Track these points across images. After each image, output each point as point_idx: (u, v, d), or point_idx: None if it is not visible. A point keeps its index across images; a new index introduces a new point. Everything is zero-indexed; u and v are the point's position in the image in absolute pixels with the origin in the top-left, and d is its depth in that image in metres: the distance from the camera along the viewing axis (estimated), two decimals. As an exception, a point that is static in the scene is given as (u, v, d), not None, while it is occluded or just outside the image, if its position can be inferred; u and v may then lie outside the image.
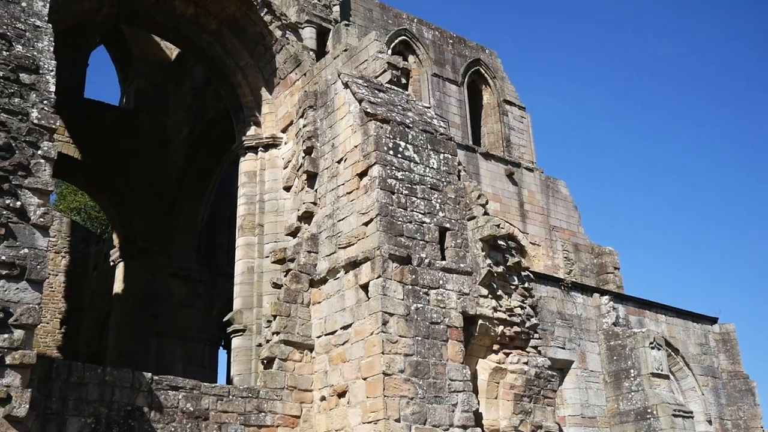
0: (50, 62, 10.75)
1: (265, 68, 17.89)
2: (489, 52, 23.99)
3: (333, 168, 14.34)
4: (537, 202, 22.62)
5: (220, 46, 18.11)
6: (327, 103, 15.09)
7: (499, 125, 23.12)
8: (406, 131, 13.76)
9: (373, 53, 15.42)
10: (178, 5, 17.50)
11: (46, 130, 10.10)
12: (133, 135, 22.74)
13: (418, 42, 22.06)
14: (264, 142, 17.42)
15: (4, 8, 10.96)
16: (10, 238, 9.34)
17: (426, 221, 13.26)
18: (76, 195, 34.11)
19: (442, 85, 22.10)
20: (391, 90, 14.81)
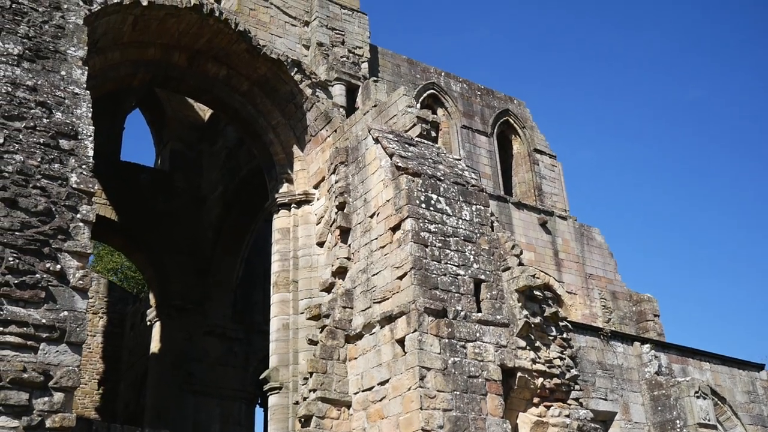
0: (88, 128, 11.04)
1: (296, 126, 18.16)
2: (517, 102, 24.11)
3: (366, 223, 14.39)
4: (572, 250, 22.40)
5: (252, 106, 18.46)
6: (358, 159, 15.22)
7: (530, 174, 23.08)
8: (438, 184, 13.79)
9: (402, 108, 15.60)
10: (210, 68, 17.92)
11: (84, 194, 10.32)
12: (168, 195, 23.11)
13: (447, 95, 22.26)
14: (297, 198, 17.58)
15: (45, 77, 11.33)
16: (50, 301, 9.47)
17: (460, 273, 13.19)
18: (113, 255, 34.58)
19: (472, 136, 22.20)
20: (421, 143, 14.92)
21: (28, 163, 10.10)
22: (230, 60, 17.74)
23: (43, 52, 11.67)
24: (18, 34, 11.61)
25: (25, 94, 10.82)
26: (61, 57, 11.92)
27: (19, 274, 9.35)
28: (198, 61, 17.78)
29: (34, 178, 10.03)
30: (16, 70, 11.08)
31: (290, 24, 18.75)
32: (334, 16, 19.20)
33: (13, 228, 9.51)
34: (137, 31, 16.51)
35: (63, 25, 12.48)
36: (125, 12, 15.61)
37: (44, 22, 12.23)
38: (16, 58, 11.26)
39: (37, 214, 9.79)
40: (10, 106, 10.52)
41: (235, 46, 17.34)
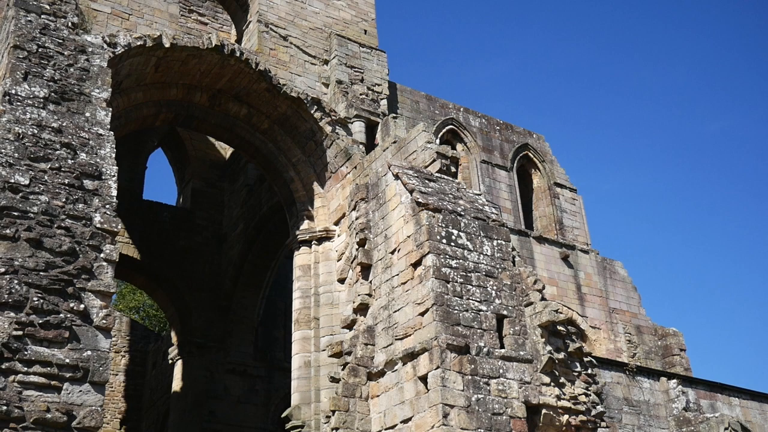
0: (112, 168, 11.19)
1: (316, 163, 18.28)
2: (536, 137, 24.13)
3: (387, 259, 14.37)
4: (594, 284, 22.20)
5: (273, 144, 18.62)
6: (378, 195, 15.26)
7: (550, 208, 23.01)
8: (459, 219, 13.78)
9: (421, 144, 15.66)
10: (231, 107, 18.14)
11: (108, 233, 10.42)
12: (190, 233, 23.26)
13: (466, 130, 22.33)
14: (317, 235, 17.62)
15: (70, 119, 11.53)
16: (74, 341, 9.52)
17: (483, 309, 13.09)
18: (135, 294, 34.75)
19: (492, 171, 22.21)
20: (441, 179, 14.94)
21: (53, 204, 10.23)
22: (251, 99, 17.96)
23: (68, 95, 11.89)
24: (44, 77, 11.87)
25: (51, 136, 11.01)
26: (86, 99, 12.15)
27: (44, 314, 9.42)
28: (219, 100, 18.01)
29: (59, 219, 10.16)
30: (42, 112, 11.30)
31: (310, 63, 18.99)
32: (353, 55, 19.42)
33: (38, 268, 9.61)
34: (160, 72, 16.78)
35: (88, 67, 12.74)
36: (148, 54, 15.89)
37: (69, 65, 12.49)
38: (42, 101, 11.48)
39: (62, 254, 9.89)
40: (36, 147, 10.70)
41: (256, 85, 17.56)
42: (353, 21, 20.48)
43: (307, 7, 19.78)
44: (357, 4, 20.88)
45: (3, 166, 10.27)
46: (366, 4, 21.10)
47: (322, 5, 20.10)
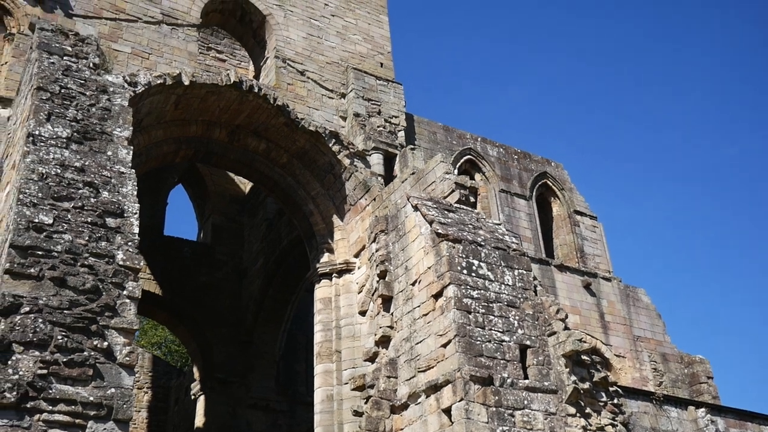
0: (134, 206, 11.30)
1: (335, 196, 18.35)
2: (555, 165, 24.10)
3: (408, 290, 14.33)
4: (618, 312, 21.97)
5: (292, 178, 18.73)
6: (398, 227, 15.27)
7: (571, 236, 22.88)
8: (479, 249, 13.74)
9: (440, 174, 15.69)
10: (250, 143, 18.30)
11: (130, 270, 10.49)
12: (210, 268, 23.35)
13: (484, 160, 22.35)
14: (338, 268, 17.62)
15: (92, 158, 11.68)
16: (98, 379, 9.54)
17: (505, 339, 12.99)
18: (157, 329, 34.83)
19: (511, 200, 22.17)
20: (460, 209, 14.93)
21: (77, 242, 10.33)
22: (269, 134, 18.11)
23: (90, 134, 12.07)
24: (67, 118, 12.05)
25: (74, 175, 11.15)
26: (108, 138, 12.31)
27: (68, 352, 9.46)
28: (238, 136, 18.18)
29: (82, 257, 10.25)
30: (65, 152, 11.46)
31: (327, 96, 19.16)
32: (369, 87, 19.58)
33: (62, 307, 9.68)
34: (179, 109, 16.99)
35: (109, 107, 12.93)
36: (168, 92, 16.11)
37: (91, 105, 12.69)
38: (65, 141, 11.65)
39: (85, 292, 9.96)
40: (59, 187, 10.84)
41: (274, 120, 17.72)
42: (369, 54, 20.68)
43: (323, 42, 20.02)
44: (373, 38, 21.10)
45: (27, 206, 10.41)
46: (381, 37, 21.32)
47: (338, 40, 20.34)
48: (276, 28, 19.38)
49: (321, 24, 20.31)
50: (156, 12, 17.63)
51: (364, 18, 21.35)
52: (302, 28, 19.85)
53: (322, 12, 20.56)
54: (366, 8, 21.59)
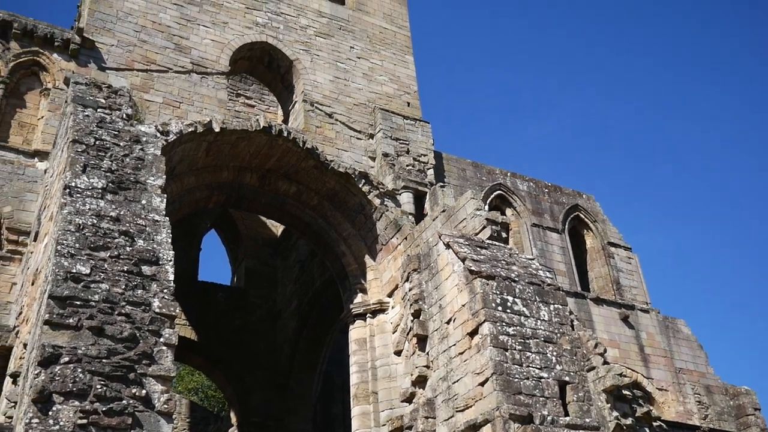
0: (168, 253, 11.42)
1: (366, 236, 18.38)
2: (586, 197, 23.94)
3: (443, 329, 14.23)
4: (658, 344, 21.57)
5: (323, 219, 18.82)
6: (430, 265, 15.22)
7: (606, 268, 22.62)
8: (513, 285, 13.63)
9: (470, 211, 15.66)
10: (281, 186, 18.46)
11: (167, 318, 10.57)
12: (245, 312, 23.42)
13: (514, 195, 22.29)
14: (371, 308, 17.57)
15: (127, 207, 11.87)
16: (137, 427, 9.56)
17: (544, 376, 12.80)
18: (194, 375, 34.88)
19: (543, 234, 22.02)
20: (492, 246, 14.86)
21: (113, 291, 10.45)
22: (300, 176, 18.27)
23: (125, 184, 12.28)
24: (102, 169, 12.30)
25: (109, 225, 11.33)
26: (142, 187, 12.51)
27: (107, 401, 9.51)
28: (269, 180, 18.36)
29: (119, 305, 10.35)
30: (101, 202, 11.66)
31: (355, 138, 19.32)
32: (397, 127, 19.72)
33: (100, 356, 9.76)
34: (211, 155, 17.24)
35: (142, 156, 13.17)
36: (199, 139, 16.37)
37: (125, 156, 12.94)
38: (101, 191, 11.87)
39: (123, 341, 10.04)
40: (95, 237, 11.01)
41: (304, 163, 17.88)
42: (396, 94, 20.87)
43: (350, 84, 20.25)
44: (399, 78, 21.31)
45: (65, 257, 10.57)
46: (407, 77, 21.52)
47: (364, 81, 20.56)
48: (303, 72, 19.67)
49: (347, 66, 20.58)
50: (186, 62, 18.01)
51: (389, 59, 21.58)
52: (329, 72, 20.12)
53: (347, 55, 20.84)
54: (391, 49, 21.84)
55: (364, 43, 21.44)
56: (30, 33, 16.90)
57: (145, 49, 17.67)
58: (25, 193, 15.32)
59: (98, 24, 17.45)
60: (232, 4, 19.70)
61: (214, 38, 18.79)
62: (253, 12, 19.93)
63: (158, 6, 18.56)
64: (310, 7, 21.10)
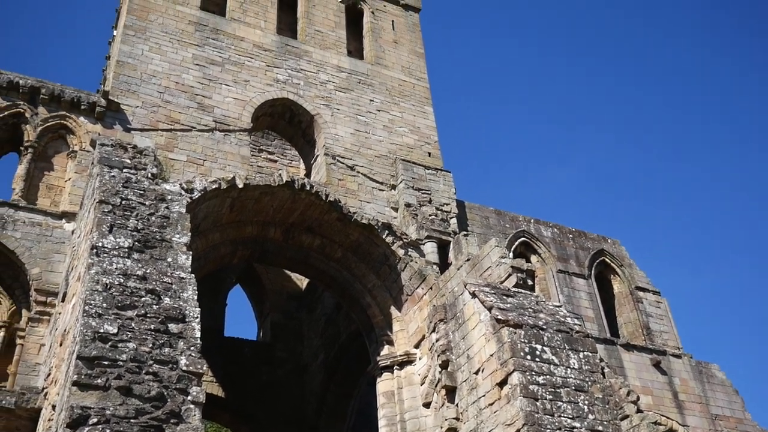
0: (195, 310, 11.46)
1: (391, 287, 18.32)
2: (612, 242, 23.77)
3: (471, 380, 14.06)
4: (692, 390, 21.10)
5: (347, 272, 18.81)
6: (457, 315, 15.12)
7: (635, 313, 22.31)
8: (541, 333, 13.48)
9: (495, 259, 15.59)
10: (305, 239, 18.53)
11: (194, 375, 10.55)
12: (271, 366, 23.30)
13: (538, 241, 22.19)
14: (398, 360, 17.42)
15: (153, 265, 11.96)
16: (165, 488, 9.47)
17: (576, 426, 12.55)
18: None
19: (569, 280, 21.83)
20: (519, 293, 14.75)
21: (141, 350, 10.46)
22: (323, 229, 18.34)
23: (150, 242, 12.41)
24: (128, 228, 12.44)
25: (136, 283, 11.41)
26: (167, 244, 12.63)
27: (136, 462, 9.45)
28: (293, 233, 18.45)
29: (147, 364, 10.36)
30: (127, 261, 11.77)
31: (378, 189, 19.43)
32: (419, 177, 19.81)
33: (129, 416, 9.73)
34: (235, 211, 17.39)
35: (168, 215, 13.32)
36: (223, 196, 16.54)
37: (151, 214, 13.10)
38: (127, 250, 11.99)
39: (150, 400, 10.01)
40: (122, 296, 11.09)
41: (327, 215, 17.97)
42: (416, 145, 21.02)
43: (371, 136, 20.45)
44: (419, 129, 21.49)
45: (92, 317, 10.63)
46: (427, 128, 21.70)
47: (385, 133, 20.76)
48: (324, 126, 19.91)
49: (367, 119, 20.81)
50: (209, 120, 18.32)
51: (409, 110, 21.81)
52: (349, 125, 20.35)
53: (368, 108, 21.10)
54: (410, 101, 22.08)
55: (383, 95, 21.71)
56: (57, 98, 17.31)
57: (169, 109, 18.03)
58: (53, 254, 15.51)
59: (123, 87, 17.86)
60: (253, 63, 20.09)
61: (236, 96, 19.13)
62: (274, 69, 20.31)
63: (181, 67, 18.98)
64: (329, 62, 21.47)
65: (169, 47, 19.21)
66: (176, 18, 19.93)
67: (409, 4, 24.99)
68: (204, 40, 19.88)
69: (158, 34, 19.30)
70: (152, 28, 19.34)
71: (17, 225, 15.50)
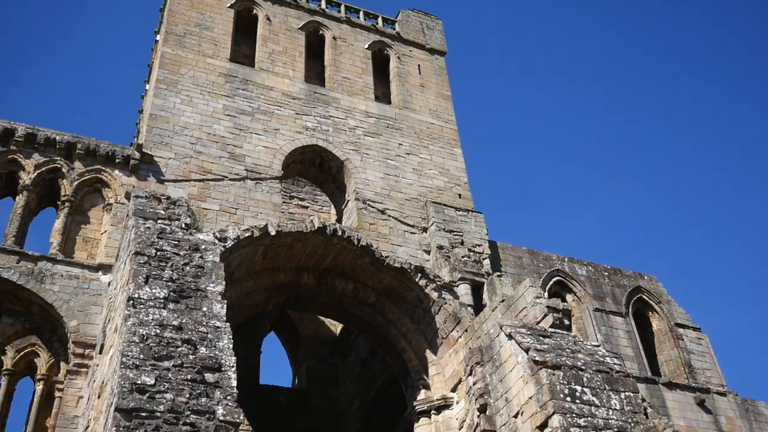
0: (230, 359, 11.47)
1: (426, 330, 18.19)
2: (648, 278, 23.42)
3: (511, 423, 13.81)
4: (739, 429, 20.48)
5: (381, 316, 18.73)
6: (493, 357, 14.93)
7: (676, 351, 21.84)
8: (580, 374, 13.24)
9: (530, 299, 15.43)
10: (338, 285, 18.53)
11: (231, 425, 10.51)
12: (307, 414, 23.12)
13: (573, 280, 21.94)
14: (435, 404, 17.22)
15: (188, 315, 12.03)
16: None
17: (621, 469, 12.23)
18: (258, 481, 34.25)
19: (606, 318, 21.50)
20: (555, 334, 14.55)
21: (178, 401, 10.47)
22: (356, 274, 18.33)
23: (186, 292, 12.50)
24: (163, 279, 12.56)
25: (172, 334, 11.47)
26: (202, 294, 12.71)
27: None
28: (325, 279, 18.46)
29: (184, 415, 10.35)
30: (163, 312, 11.86)
31: (409, 232, 19.43)
32: (450, 219, 19.79)
33: (167, 468, 9.71)
34: (268, 259, 17.48)
35: (202, 264, 13.43)
36: (256, 243, 16.65)
37: (185, 264, 13.21)
38: (163, 301, 12.09)
39: (188, 451, 9.99)
40: (159, 347, 11.14)
41: (360, 260, 17.97)
42: (446, 187, 21.05)
43: (401, 180, 20.53)
44: (448, 171, 21.54)
45: (130, 368, 10.69)
46: (457, 169, 21.75)
47: (415, 176, 20.84)
48: (354, 171, 20.05)
49: (397, 163, 20.92)
50: (240, 169, 18.55)
51: (438, 153, 21.91)
52: (379, 169, 20.47)
53: (397, 152, 21.23)
54: (439, 143, 22.19)
55: (412, 139, 21.85)
56: (93, 152, 17.68)
57: (201, 159, 18.31)
58: (91, 306, 15.67)
59: (156, 139, 18.21)
60: (282, 111, 20.39)
61: (266, 145, 19.39)
62: (303, 117, 20.58)
63: (212, 118, 19.32)
64: (357, 108, 21.72)
65: (200, 99, 19.60)
66: (207, 70, 20.36)
67: (434, 48, 25.29)
68: (234, 91, 20.25)
69: (189, 87, 19.72)
70: (183, 81, 19.77)
71: (55, 278, 15.72)
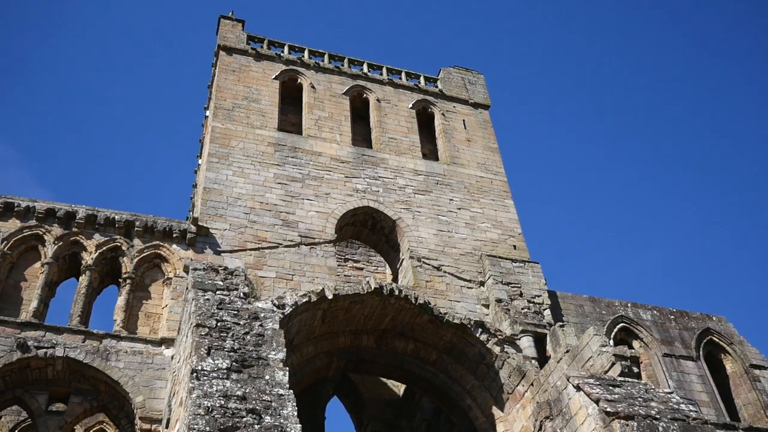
0: (296, 426, 11.39)
1: (491, 386, 17.83)
2: (717, 319, 22.66)
3: (586, 479, 13.31)
4: (827, 471, 19.40)
5: (444, 374, 18.46)
6: (563, 411, 14.52)
7: (753, 393, 20.93)
8: (656, 424, 12.76)
9: (596, 348, 15.05)
10: (398, 345, 18.38)
11: (300, 494, 10.36)
12: (376, 480, 22.72)
13: (639, 325, 21.35)
14: (506, 463, 16.75)
15: (251, 384, 12.03)
16: None
17: None
18: None
19: (677, 363, 20.79)
20: (625, 383, 14.11)
21: (246, 472, 10.39)
22: (415, 333, 18.17)
23: (247, 361, 12.53)
24: (225, 349, 12.63)
25: (236, 404, 11.46)
26: (264, 362, 12.72)
27: None
28: (385, 340, 18.33)
29: (253, 486, 10.26)
30: (227, 382, 11.88)
31: (466, 287, 19.25)
32: (507, 272, 19.57)
33: None
34: (326, 323, 17.46)
35: (262, 332, 13.48)
36: (314, 308, 16.68)
37: (246, 333, 13.28)
38: (226, 372, 12.13)
39: None
40: (224, 418, 11.13)
41: (418, 318, 17.83)
42: (500, 239, 20.89)
43: (454, 235, 20.46)
44: (501, 223, 21.40)
45: (197, 442, 10.67)
46: (510, 221, 21.60)
47: (468, 231, 20.75)
48: (407, 230, 20.07)
49: (449, 219, 20.89)
50: (294, 235, 18.74)
51: (489, 206, 21.82)
52: (431, 226, 20.45)
53: (448, 207, 21.22)
54: (490, 196, 22.12)
55: (462, 194, 21.84)
56: (150, 229, 18.09)
57: (256, 228, 18.56)
58: (155, 381, 15.80)
59: (211, 212, 18.56)
60: (332, 176, 20.65)
61: (318, 209, 19.59)
62: (353, 180, 20.79)
63: (264, 187, 19.65)
64: (405, 167, 21.86)
65: (251, 169, 19.99)
66: (256, 141, 20.81)
67: (478, 102, 25.46)
68: (284, 159, 20.61)
69: (240, 158, 20.15)
70: (234, 153, 20.22)
71: (120, 355, 15.93)
